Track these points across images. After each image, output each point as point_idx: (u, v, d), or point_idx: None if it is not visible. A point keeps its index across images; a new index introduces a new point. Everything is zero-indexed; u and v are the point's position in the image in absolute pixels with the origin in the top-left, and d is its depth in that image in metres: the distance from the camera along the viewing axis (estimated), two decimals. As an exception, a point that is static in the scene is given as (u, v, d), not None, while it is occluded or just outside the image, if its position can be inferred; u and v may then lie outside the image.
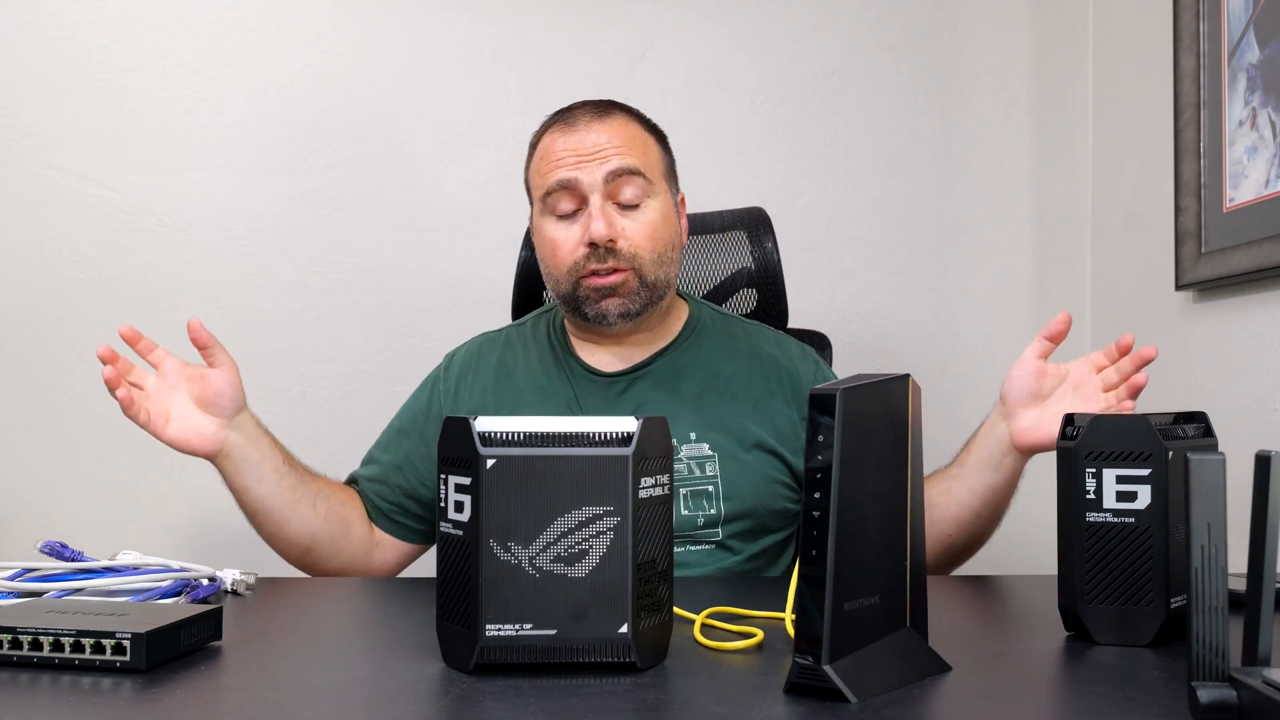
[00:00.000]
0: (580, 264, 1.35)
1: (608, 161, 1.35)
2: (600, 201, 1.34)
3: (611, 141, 1.36)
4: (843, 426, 0.71)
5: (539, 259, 1.44)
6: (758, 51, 2.17)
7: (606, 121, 1.38)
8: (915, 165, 2.20)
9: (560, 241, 1.36)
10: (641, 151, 1.38)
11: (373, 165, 2.10)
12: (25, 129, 2.03)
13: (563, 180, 1.35)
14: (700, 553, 1.35)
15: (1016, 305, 2.22)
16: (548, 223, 1.38)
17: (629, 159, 1.35)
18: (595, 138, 1.36)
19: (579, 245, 1.35)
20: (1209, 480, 0.61)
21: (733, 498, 1.35)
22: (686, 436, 1.36)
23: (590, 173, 1.34)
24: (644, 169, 1.37)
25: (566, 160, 1.35)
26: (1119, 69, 2.12)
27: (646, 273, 1.36)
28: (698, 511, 1.35)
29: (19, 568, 1.08)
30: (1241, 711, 0.60)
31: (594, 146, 1.35)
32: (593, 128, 1.37)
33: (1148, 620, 0.87)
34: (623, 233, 1.34)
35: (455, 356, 1.51)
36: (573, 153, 1.35)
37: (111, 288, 2.04)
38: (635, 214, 1.36)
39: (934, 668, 0.78)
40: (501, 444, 0.77)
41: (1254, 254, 1.64)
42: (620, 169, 1.35)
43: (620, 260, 1.34)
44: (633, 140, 1.38)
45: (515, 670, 0.77)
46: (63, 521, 1.99)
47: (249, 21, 2.08)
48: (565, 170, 1.35)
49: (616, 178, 1.35)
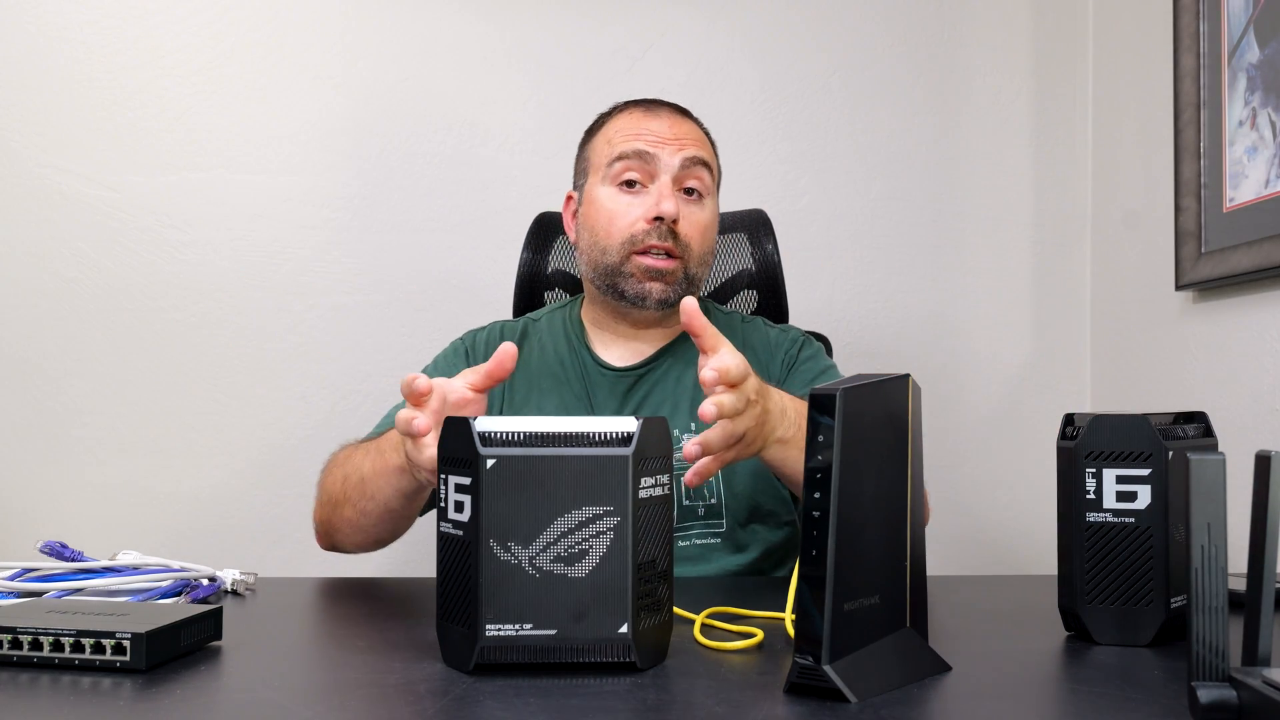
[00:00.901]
0: (639, 237, 1.36)
1: (685, 148, 1.39)
2: (670, 183, 1.37)
3: (689, 134, 1.42)
4: (843, 426, 0.71)
5: (586, 228, 1.43)
6: (758, 51, 2.17)
7: (686, 119, 1.44)
8: (915, 165, 2.20)
9: (620, 212, 1.38)
10: (710, 155, 1.44)
11: (373, 165, 2.10)
12: (25, 129, 2.03)
13: (640, 150, 1.38)
14: (705, 546, 1.36)
15: (1016, 305, 2.22)
16: (608, 191, 1.40)
17: (703, 152, 1.41)
18: (676, 127, 1.41)
19: (641, 219, 1.36)
20: (1209, 480, 0.61)
21: (731, 485, 1.37)
22: (688, 427, 1.38)
23: (670, 155, 1.38)
24: (712, 167, 1.43)
25: (647, 137, 1.39)
26: (1119, 69, 2.12)
27: (692, 266, 1.39)
28: (698, 501, 1.37)
29: (19, 568, 1.08)
30: (1241, 711, 0.60)
31: (674, 133, 1.40)
32: (675, 117, 1.43)
33: (1148, 620, 0.87)
34: (685, 220, 1.38)
35: (478, 338, 1.50)
36: (653, 133, 1.39)
37: (111, 288, 2.04)
38: (696, 207, 1.40)
39: (934, 668, 0.78)
40: (501, 444, 0.77)
41: (1254, 254, 1.64)
42: (696, 158, 1.39)
43: (676, 245, 1.37)
44: (704, 142, 1.45)
45: (515, 670, 0.77)
46: (63, 521, 1.99)
47: (249, 21, 2.08)
48: (645, 144, 1.38)
49: (691, 165, 1.39)
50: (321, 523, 1.32)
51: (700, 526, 1.37)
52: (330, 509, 1.28)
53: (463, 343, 1.49)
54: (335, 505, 1.26)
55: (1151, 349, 1.98)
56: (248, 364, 2.07)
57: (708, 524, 1.37)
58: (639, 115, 1.42)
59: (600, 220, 1.39)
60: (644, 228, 1.36)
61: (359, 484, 1.22)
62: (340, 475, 1.27)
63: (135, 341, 2.04)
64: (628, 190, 1.39)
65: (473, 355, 1.46)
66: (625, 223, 1.37)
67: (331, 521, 1.29)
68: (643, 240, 1.36)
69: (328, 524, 1.30)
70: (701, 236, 1.39)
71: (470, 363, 1.43)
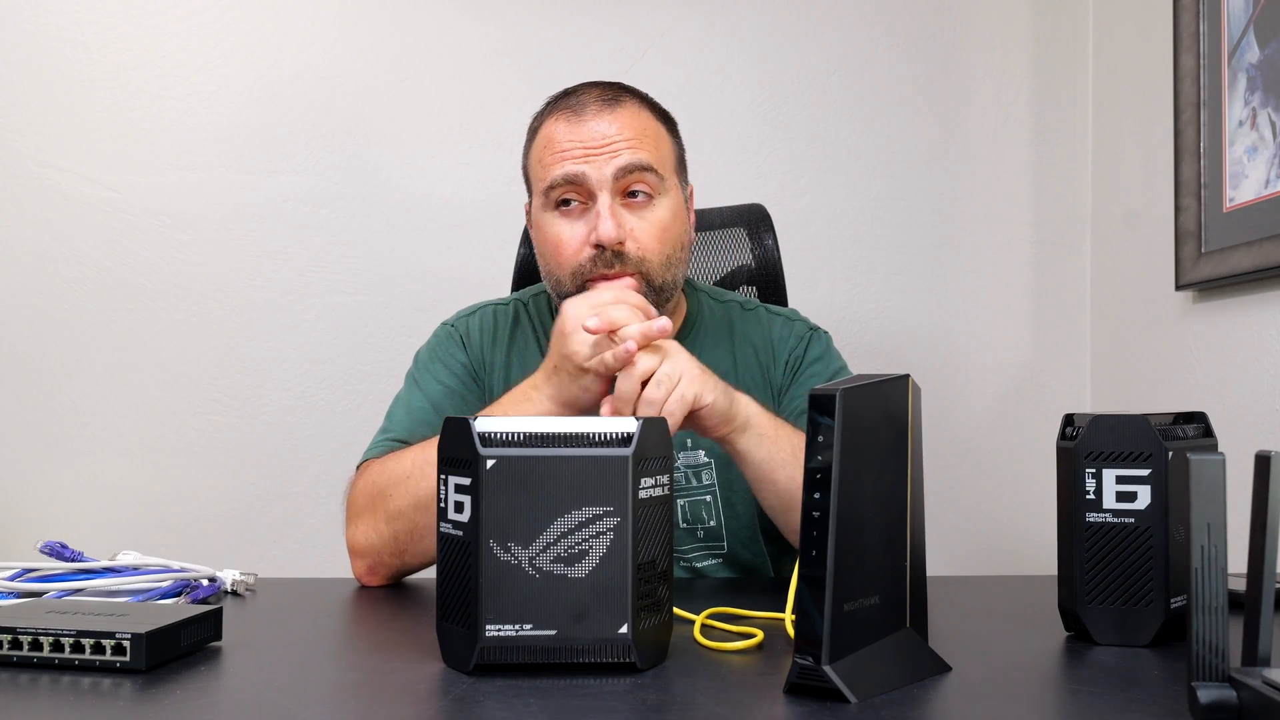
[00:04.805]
0: (585, 267, 1.24)
1: (618, 156, 1.24)
2: (609, 200, 1.23)
3: (622, 133, 1.25)
4: (843, 427, 0.71)
5: (538, 254, 1.33)
6: (758, 51, 2.17)
7: (617, 111, 1.26)
8: (915, 165, 2.20)
9: (564, 240, 1.26)
10: (654, 144, 1.27)
11: (372, 165, 2.10)
12: (25, 129, 2.03)
13: (568, 174, 1.24)
14: (707, 569, 1.34)
15: (1016, 305, 2.22)
16: (550, 218, 1.27)
17: (640, 153, 1.25)
18: (605, 128, 1.25)
19: (584, 245, 1.24)
20: (1209, 480, 0.61)
21: (730, 504, 1.32)
22: (683, 443, 1.33)
23: (599, 168, 1.23)
24: (655, 164, 1.26)
25: (573, 152, 1.24)
26: (1119, 69, 2.12)
27: (654, 277, 1.25)
28: (696, 524, 1.32)
29: (19, 568, 1.07)
30: (1241, 711, 0.60)
31: (603, 138, 1.24)
32: (602, 117, 1.25)
33: (1148, 620, 0.87)
34: (631, 234, 1.24)
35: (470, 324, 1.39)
36: (580, 144, 1.24)
37: (111, 288, 2.04)
38: (645, 212, 1.25)
39: (934, 668, 0.78)
40: (501, 444, 0.76)
41: (1254, 254, 1.64)
42: (631, 165, 1.24)
43: (628, 265, 1.24)
44: (644, 132, 1.27)
45: (515, 670, 0.77)
46: (63, 521, 1.99)
47: (249, 21, 2.08)
48: (571, 163, 1.24)
49: (627, 174, 1.24)
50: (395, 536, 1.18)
51: (700, 550, 1.34)
52: (415, 512, 1.15)
53: (455, 329, 1.39)
54: (431, 498, 1.13)
55: (1151, 349, 1.97)
56: (248, 364, 2.07)
57: (708, 546, 1.34)
58: (564, 121, 1.26)
59: (547, 249, 1.28)
60: (589, 254, 1.24)
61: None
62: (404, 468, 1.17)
63: (135, 341, 2.04)
64: (566, 213, 1.26)
65: (468, 342, 1.37)
66: (570, 252, 1.25)
67: (416, 527, 1.15)
68: (590, 270, 1.24)
69: (406, 534, 1.17)
70: (659, 242, 1.25)
71: (467, 349, 1.36)
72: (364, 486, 1.23)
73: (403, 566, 1.20)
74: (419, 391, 1.34)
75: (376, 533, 1.19)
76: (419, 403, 1.32)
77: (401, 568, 1.21)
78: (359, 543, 1.21)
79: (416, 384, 1.35)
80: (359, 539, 1.21)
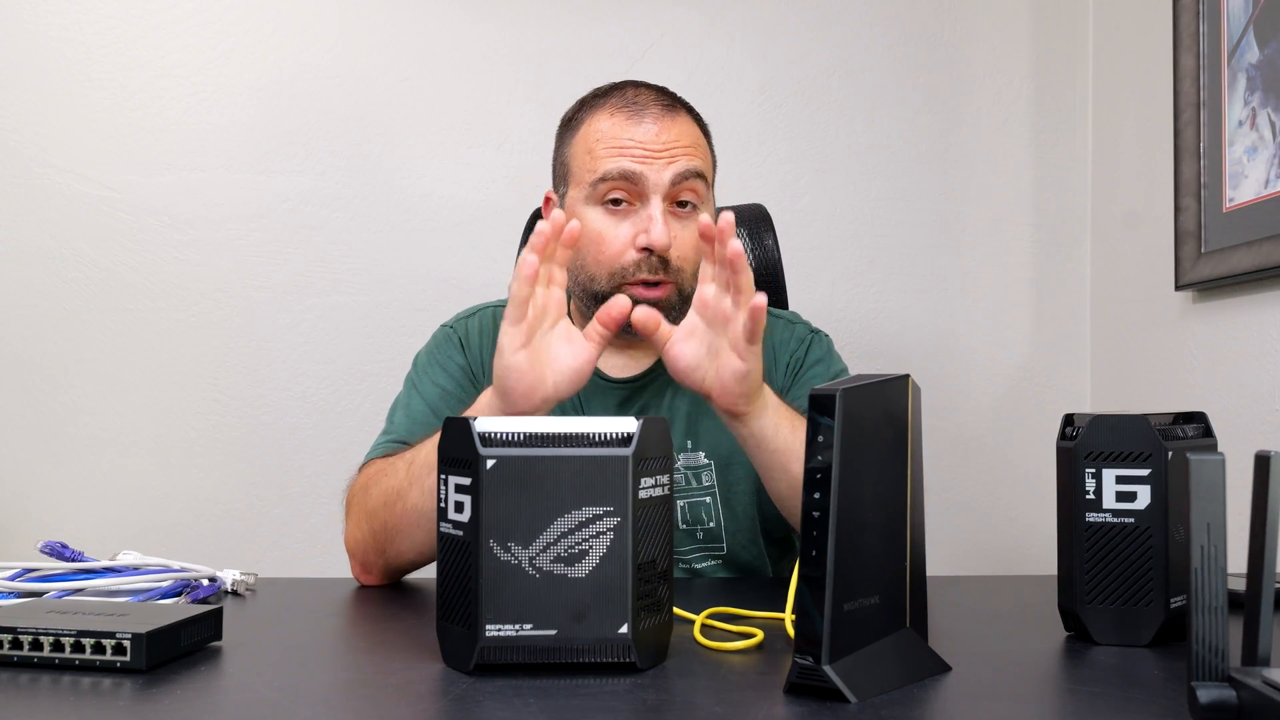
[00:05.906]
0: (628, 269, 1.23)
1: (675, 162, 1.24)
2: (661, 205, 1.23)
3: (679, 140, 1.25)
4: (843, 427, 0.71)
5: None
6: (758, 51, 2.17)
7: (676, 118, 1.27)
8: (915, 165, 2.20)
9: (608, 239, 1.24)
10: (704, 156, 1.29)
11: (372, 165, 2.10)
12: (25, 129, 2.03)
13: (625, 171, 1.23)
14: (706, 570, 1.34)
15: (1016, 305, 2.22)
16: (594, 213, 1.25)
17: (696, 162, 1.25)
18: (664, 133, 1.24)
19: (629, 247, 1.23)
20: (1209, 480, 0.61)
21: (730, 506, 1.33)
22: (683, 445, 1.33)
23: (658, 172, 1.23)
24: (706, 174, 1.28)
25: (632, 150, 1.23)
26: (1119, 69, 2.12)
27: (686, 286, 1.25)
28: (695, 525, 1.32)
29: (19, 568, 1.08)
30: (1241, 711, 0.60)
31: (663, 143, 1.24)
32: (663, 121, 1.25)
33: (1148, 620, 0.87)
34: (676, 241, 1.24)
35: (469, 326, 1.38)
36: (638, 144, 1.24)
37: (111, 288, 2.04)
38: (689, 223, 1.25)
39: (934, 668, 0.78)
40: (501, 444, 0.77)
41: (1254, 254, 1.64)
42: (688, 171, 1.24)
43: (668, 273, 1.24)
44: (697, 143, 1.28)
45: (515, 670, 0.77)
46: (63, 521, 1.99)
47: (249, 21, 2.08)
48: (630, 161, 1.23)
49: (683, 179, 1.24)
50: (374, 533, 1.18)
51: (700, 551, 1.34)
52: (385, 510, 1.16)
53: (454, 331, 1.38)
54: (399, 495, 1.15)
55: (1151, 349, 1.98)
56: (248, 364, 2.07)
57: (708, 548, 1.34)
58: (623, 118, 1.25)
59: (587, 245, 1.25)
60: (633, 258, 1.23)
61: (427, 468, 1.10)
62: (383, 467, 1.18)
63: (135, 341, 2.04)
64: (614, 210, 1.25)
65: (466, 345, 1.36)
66: (613, 251, 1.24)
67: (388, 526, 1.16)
68: (632, 273, 1.23)
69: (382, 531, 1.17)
70: (695, 252, 1.24)
71: (465, 352, 1.35)
72: (354, 487, 1.25)
73: (389, 565, 1.20)
74: (417, 395, 1.34)
75: (360, 531, 1.20)
76: (417, 406, 1.32)
77: (388, 566, 1.21)
78: (348, 542, 1.23)
79: (415, 387, 1.35)
80: (348, 538, 1.24)
